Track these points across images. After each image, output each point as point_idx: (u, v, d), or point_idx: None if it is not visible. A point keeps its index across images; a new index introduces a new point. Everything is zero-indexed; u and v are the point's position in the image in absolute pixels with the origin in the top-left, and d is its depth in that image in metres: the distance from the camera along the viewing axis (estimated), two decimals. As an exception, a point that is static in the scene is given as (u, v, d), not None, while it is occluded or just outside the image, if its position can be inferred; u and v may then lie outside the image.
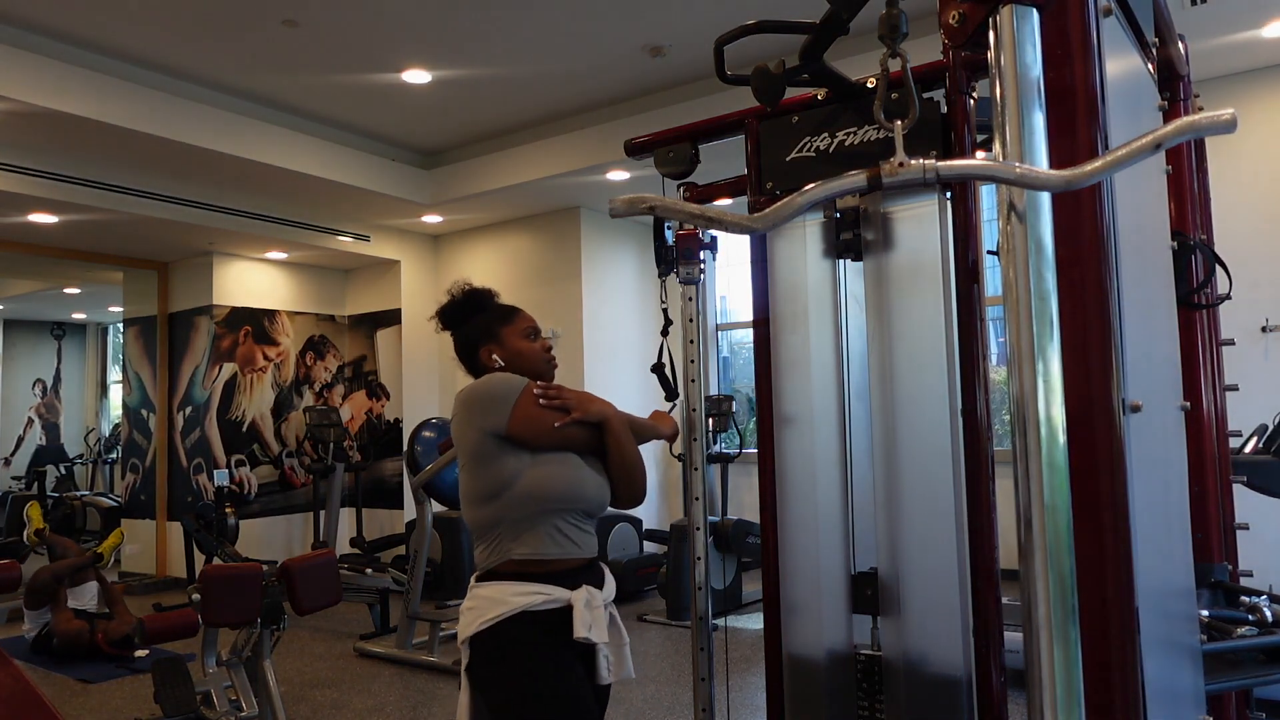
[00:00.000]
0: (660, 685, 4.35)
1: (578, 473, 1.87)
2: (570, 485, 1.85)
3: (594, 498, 1.90)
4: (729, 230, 1.19)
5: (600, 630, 1.80)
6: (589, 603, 1.80)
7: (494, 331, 2.00)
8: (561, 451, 1.86)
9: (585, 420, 1.87)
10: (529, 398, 1.85)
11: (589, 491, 1.88)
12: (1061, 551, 0.98)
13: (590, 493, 1.88)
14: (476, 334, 2.01)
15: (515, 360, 1.98)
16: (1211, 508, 2.09)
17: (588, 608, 1.79)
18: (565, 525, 1.85)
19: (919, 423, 1.63)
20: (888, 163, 1.16)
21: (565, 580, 1.83)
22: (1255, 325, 4.87)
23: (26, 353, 11.91)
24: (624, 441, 1.91)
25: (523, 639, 1.79)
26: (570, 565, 1.85)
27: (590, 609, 1.80)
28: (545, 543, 1.82)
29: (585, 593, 1.81)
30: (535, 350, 2.00)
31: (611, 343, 7.44)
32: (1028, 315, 1.01)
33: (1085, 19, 1.23)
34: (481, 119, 6.28)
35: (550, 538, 1.83)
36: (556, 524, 1.84)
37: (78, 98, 4.83)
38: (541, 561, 1.82)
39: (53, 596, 5.12)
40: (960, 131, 1.66)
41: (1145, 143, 1.00)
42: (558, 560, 1.83)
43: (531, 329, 2.02)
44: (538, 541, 1.82)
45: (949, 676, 1.58)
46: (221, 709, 3.47)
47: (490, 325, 2.01)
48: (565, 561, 1.84)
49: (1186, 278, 2.06)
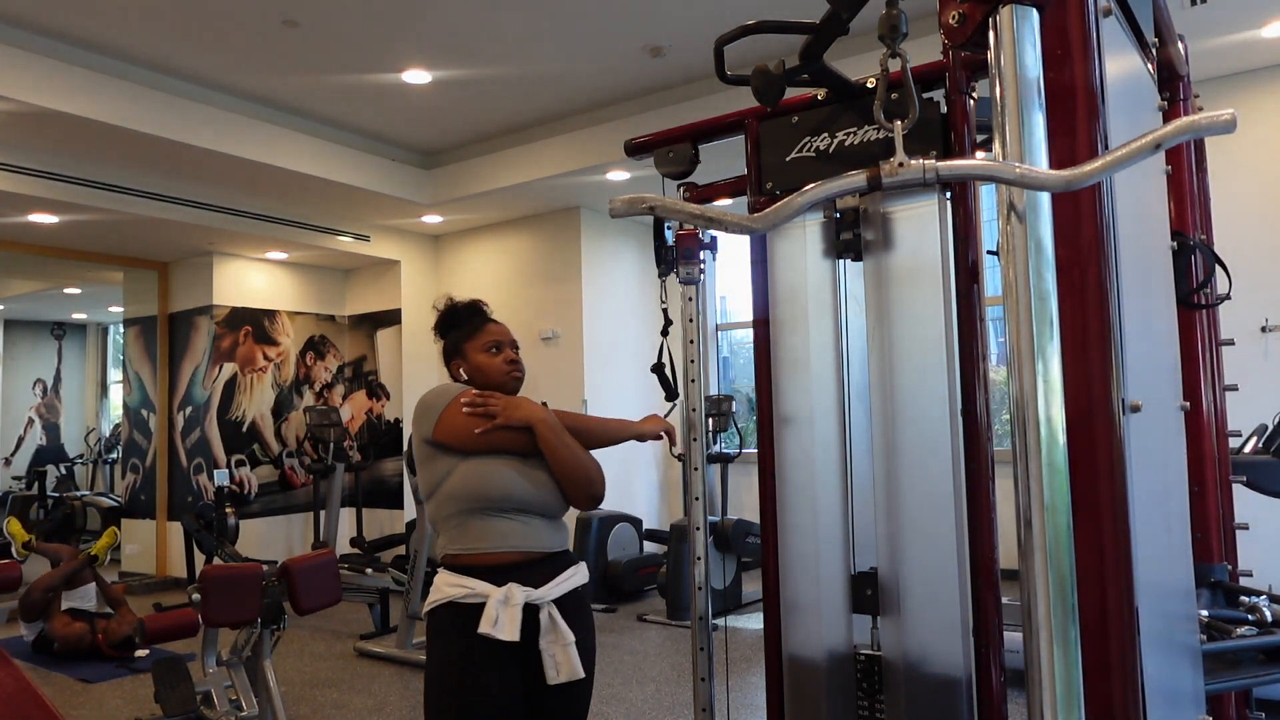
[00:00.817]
0: (660, 685, 4.35)
1: (507, 472, 1.94)
2: (494, 485, 1.93)
3: (529, 496, 1.95)
4: (729, 230, 1.19)
5: (509, 628, 1.83)
6: (506, 600, 1.86)
7: (460, 347, 2.12)
8: (494, 454, 1.96)
9: (509, 425, 1.94)
10: (455, 406, 1.96)
11: (517, 490, 1.94)
12: (1061, 551, 0.98)
13: (520, 491, 1.94)
14: (449, 350, 2.15)
15: (477, 375, 2.08)
16: (1211, 508, 2.09)
17: (503, 605, 1.85)
18: (497, 522, 1.93)
19: (919, 423, 1.63)
20: (888, 163, 1.16)
21: (493, 575, 1.90)
22: (1255, 325, 4.87)
23: (26, 353, 11.92)
24: (556, 445, 1.95)
25: (446, 629, 1.91)
26: (502, 561, 1.91)
27: (505, 606, 1.85)
28: (471, 538, 1.93)
29: (506, 590, 1.87)
30: (495, 364, 2.08)
31: (611, 343, 7.44)
32: (1028, 315, 1.01)
33: (1085, 19, 1.23)
34: (481, 119, 6.28)
35: (477, 534, 1.93)
36: (486, 521, 1.93)
37: (78, 98, 4.83)
38: (468, 555, 1.93)
39: (45, 608, 5.13)
40: (960, 131, 1.66)
41: (1145, 143, 1.00)
42: (485, 555, 1.92)
43: (493, 343, 2.10)
44: (464, 537, 1.94)
45: (949, 676, 1.58)
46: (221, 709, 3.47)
47: (458, 341, 2.13)
48: (494, 556, 1.91)
49: (1186, 278, 2.06)
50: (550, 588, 1.93)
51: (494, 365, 2.09)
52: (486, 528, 1.93)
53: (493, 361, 2.09)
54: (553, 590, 1.93)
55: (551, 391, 7.06)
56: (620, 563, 6.23)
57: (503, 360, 2.09)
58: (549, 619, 1.91)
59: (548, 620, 1.91)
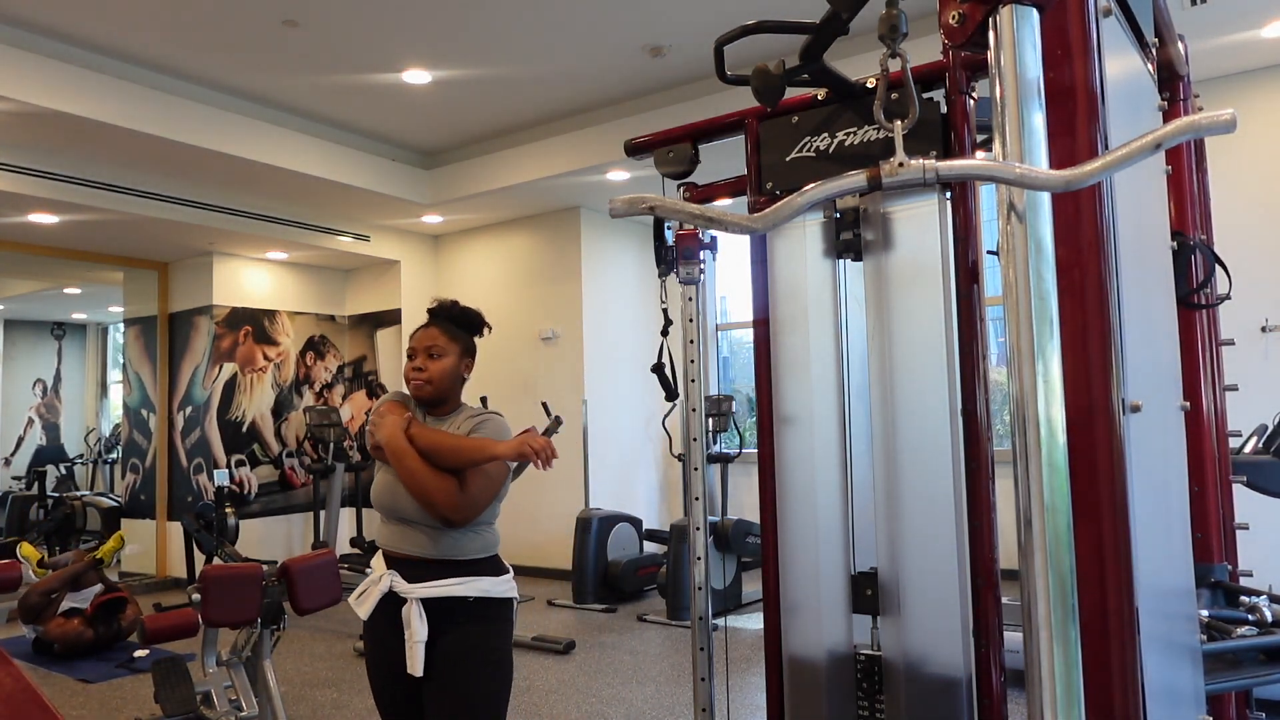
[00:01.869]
0: (660, 685, 4.35)
1: (386, 481, 2.13)
2: (377, 493, 2.15)
3: (403, 506, 2.09)
4: (729, 230, 1.19)
5: (365, 607, 2.10)
6: (378, 581, 2.10)
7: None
8: (386, 464, 2.13)
9: (374, 442, 2.12)
10: (375, 414, 2.17)
11: (391, 500, 2.11)
12: (1061, 551, 0.98)
13: (394, 501, 2.11)
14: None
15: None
16: (1211, 508, 2.09)
17: (373, 584, 2.11)
18: (389, 525, 2.15)
19: (919, 423, 1.63)
20: (888, 163, 1.16)
21: (388, 565, 2.13)
22: (1255, 325, 4.87)
23: (26, 353, 11.91)
24: (396, 467, 2.08)
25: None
26: (392, 556, 2.13)
27: (375, 585, 2.10)
28: (378, 532, 2.19)
29: (384, 574, 2.10)
30: (406, 370, 2.19)
31: (611, 343, 7.43)
32: (1028, 315, 1.01)
33: (1085, 19, 1.23)
34: (481, 119, 6.28)
35: (380, 530, 2.18)
36: (383, 522, 2.16)
37: (78, 98, 4.83)
38: (380, 546, 2.18)
39: (45, 610, 5.13)
40: (960, 131, 1.66)
41: (1145, 143, 1.00)
42: (384, 549, 2.16)
43: (410, 349, 2.19)
44: (378, 531, 2.20)
45: (949, 676, 1.58)
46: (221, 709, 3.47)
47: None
48: (388, 552, 2.15)
49: (1186, 278, 2.06)
50: (419, 586, 2.07)
51: (406, 371, 2.19)
52: (383, 529, 2.16)
53: (405, 368, 2.19)
54: (419, 590, 2.07)
55: (551, 392, 7.06)
56: (620, 563, 6.23)
57: (409, 367, 2.17)
58: (408, 613, 2.05)
59: (407, 614, 2.05)
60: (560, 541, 6.89)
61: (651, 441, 7.75)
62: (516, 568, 8.69)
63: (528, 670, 4.65)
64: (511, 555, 9.13)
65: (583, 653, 4.99)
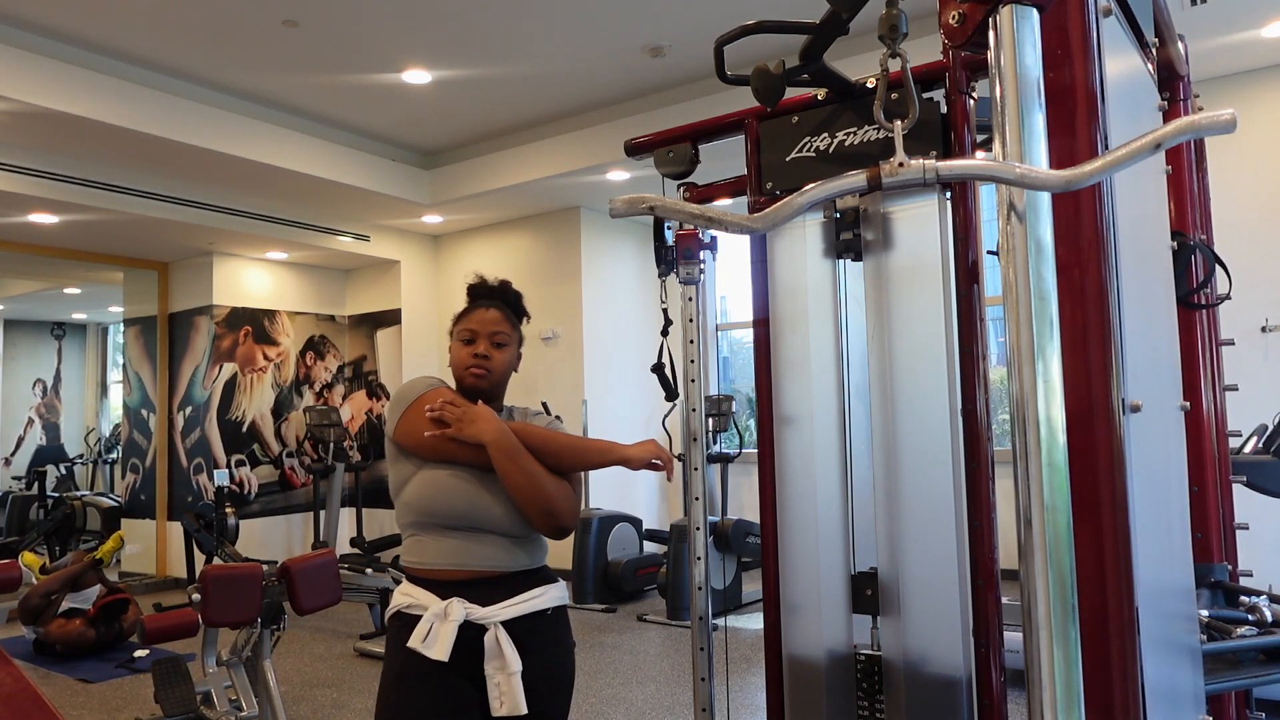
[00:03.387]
0: (660, 685, 4.35)
1: (462, 488, 1.77)
2: (444, 501, 1.77)
3: (485, 515, 1.78)
4: (729, 230, 1.19)
5: (440, 646, 1.68)
6: (445, 615, 1.72)
7: (451, 328, 1.93)
8: (451, 465, 1.78)
9: (460, 439, 1.75)
10: (419, 407, 1.80)
11: (470, 509, 1.77)
12: (1061, 551, 0.98)
13: (474, 510, 1.77)
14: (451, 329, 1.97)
15: (450, 362, 1.92)
16: (1211, 508, 2.08)
17: (440, 619, 1.71)
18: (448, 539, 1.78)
19: (919, 423, 1.63)
20: (888, 163, 1.16)
21: (440, 589, 1.76)
22: (1255, 325, 4.87)
23: (26, 353, 11.91)
24: (509, 470, 1.75)
25: (393, 640, 1.79)
26: (450, 576, 1.77)
27: (442, 621, 1.71)
28: (423, 552, 1.79)
29: (446, 605, 1.73)
30: (462, 356, 1.87)
31: (611, 343, 7.44)
32: (1028, 315, 1.01)
33: (1085, 19, 1.23)
34: (481, 119, 6.28)
35: (429, 548, 1.79)
36: (438, 537, 1.78)
37: (78, 98, 4.83)
38: (420, 568, 1.80)
39: (44, 611, 5.13)
40: (960, 131, 1.66)
41: (1145, 143, 1.00)
42: (434, 570, 1.78)
43: (470, 331, 1.88)
44: (417, 550, 1.81)
45: (949, 676, 1.58)
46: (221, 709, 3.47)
47: (455, 320, 1.94)
48: (443, 572, 1.77)
49: (1186, 278, 2.06)
50: (500, 608, 1.76)
51: (459, 358, 1.88)
52: (438, 544, 1.78)
53: (460, 353, 1.88)
54: (502, 611, 1.76)
55: (551, 392, 7.06)
56: (620, 563, 6.23)
57: (469, 354, 1.86)
58: (494, 642, 1.73)
59: (493, 644, 1.73)
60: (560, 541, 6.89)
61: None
62: (516, 568, 8.47)
63: (528, 670, 4.65)
64: (511, 555, 8.99)
65: (583, 653, 4.99)
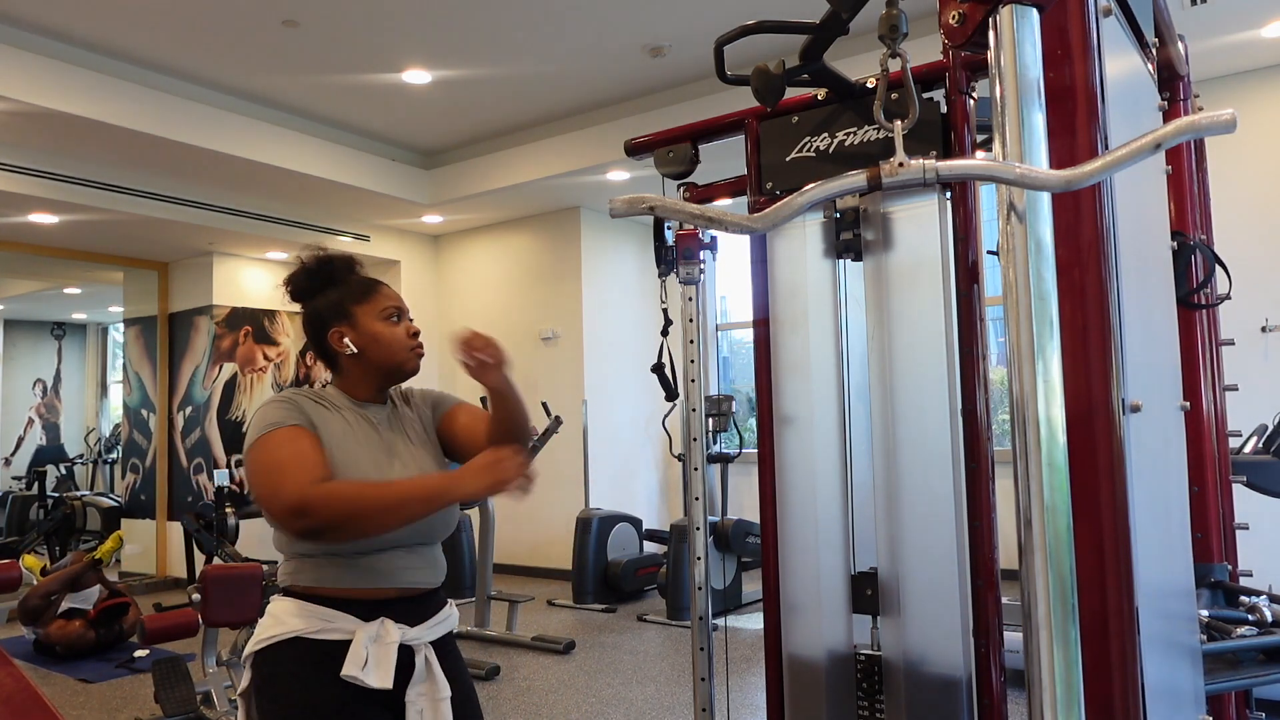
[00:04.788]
0: (660, 685, 4.35)
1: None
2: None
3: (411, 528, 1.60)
4: (729, 230, 1.19)
5: (381, 673, 1.52)
6: (378, 637, 1.55)
7: (345, 309, 1.68)
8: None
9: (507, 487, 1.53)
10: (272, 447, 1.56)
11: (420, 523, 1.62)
12: (1061, 551, 0.98)
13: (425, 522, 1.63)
14: (327, 311, 1.69)
15: (371, 346, 1.68)
16: (1211, 508, 2.08)
17: (373, 643, 1.54)
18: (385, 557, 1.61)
19: (919, 423, 1.63)
20: (888, 163, 1.16)
21: (359, 610, 1.57)
22: (1255, 325, 4.87)
23: (26, 353, 11.90)
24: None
25: (290, 673, 1.55)
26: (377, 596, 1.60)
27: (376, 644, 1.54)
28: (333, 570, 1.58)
29: (378, 626, 1.56)
30: (396, 335, 1.69)
31: (611, 343, 7.43)
32: (1028, 315, 1.01)
33: (1085, 19, 1.23)
34: (481, 119, 6.28)
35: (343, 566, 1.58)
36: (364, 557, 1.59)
37: (78, 98, 4.83)
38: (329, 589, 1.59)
39: (44, 612, 5.13)
40: (960, 131, 1.66)
41: (1145, 143, 1.00)
42: (355, 590, 1.59)
43: (394, 309, 1.70)
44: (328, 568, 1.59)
45: (949, 676, 1.58)
46: (221, 709, 3.47)
47: (342, 302, 1.69)
48: (368, 592, 1.59)
49: (1186, 278, 2.06)
50: (426, 628, 1.63)
51: (394, 337, 1.69)
52: (359, 561, 1.57)
53: (393, 332, 1.69)
54: (429, 632, 1.63)
55: (551, 392, 7.05)
56: (620, 563, 6.23)
57: (404, 331, 1.70)
58: (424, 665, 1.60)
59: (423, 666, 1.59)
60: (560, 541, 6.89)
61: (651, 441, 7.75)
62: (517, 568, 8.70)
63: (528, 670, 4.65)
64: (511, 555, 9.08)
65: (583, 653, 4.99)
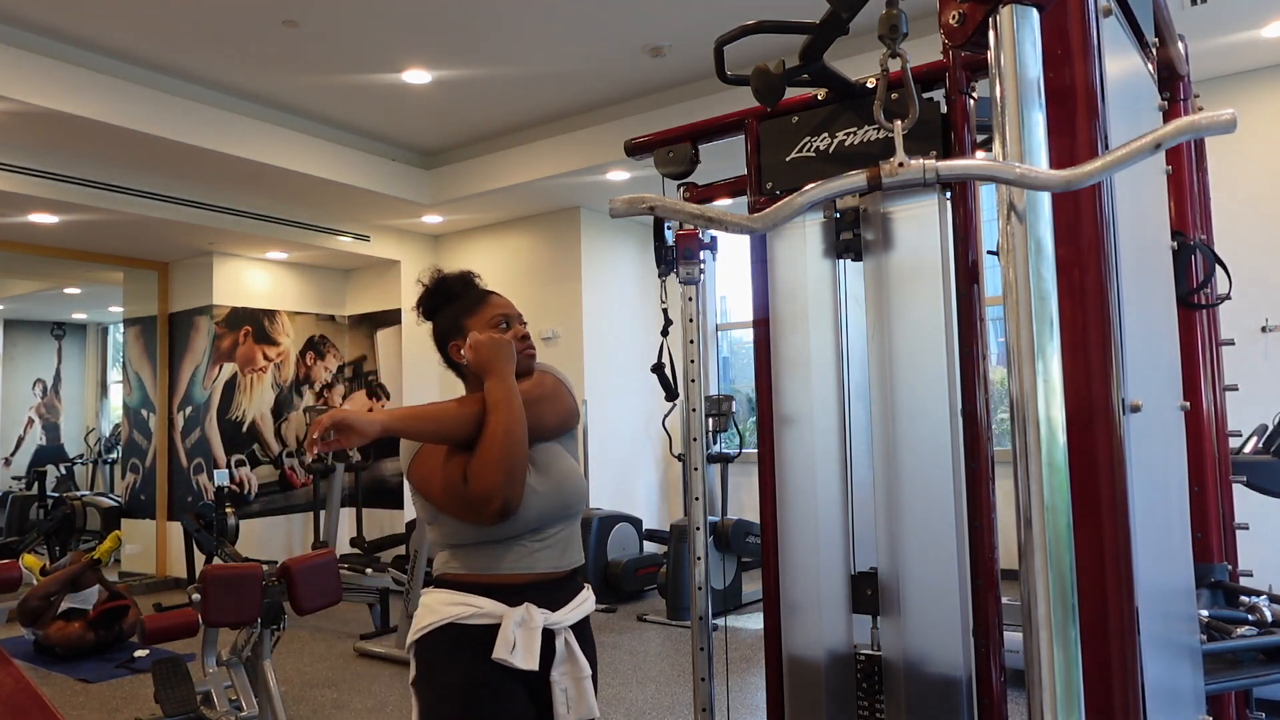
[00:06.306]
0: (660, 685, 4.35)
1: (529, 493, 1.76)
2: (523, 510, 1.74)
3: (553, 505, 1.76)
4: (729, 230, 1.19)
5: (527, 655, 1.63)
6: (524, 622, 1.66)
7: (460, 325, 1.84)
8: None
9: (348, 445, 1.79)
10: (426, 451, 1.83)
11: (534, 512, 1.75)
12: (1061, 551, 0.98)
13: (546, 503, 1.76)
14: (445, 329, 1.87)
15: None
16: (1211, 508, 2.09)
17: (520, 627, 1.65)
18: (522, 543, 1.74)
19: (919, 423, 1.63)
20: (888, 163, 1.16)
21: (503, 595, 1.69)
22: (1255, 325, 4.87)
23: (26, 353, 11.90)
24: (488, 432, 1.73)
25: (446, 656, 1.69)
26: (516, 581, 1.71)
27: (523, 629, 1.65)
28: (482, 558, 1.72)
29: (523, 611, 1.67)
30: (509, 338, 1.82)
31: (611, 343, 7.44)
32: (1028, 315, 1.01)
33: (1085, 19, 1.23)
34: (481, 119, 6.28)
35: (489, 553, 1.72)
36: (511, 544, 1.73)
37: (78, 98, 4.83)
38: (474, 575, 1.73)
39: (44, 613, 5.13)
40: (960, 131, 1.66)
41: (1145, 143, 1.00)
42: (497, 576, 1.71)
43: (500, 317, 1.83)
44: (477, 556, 1.73)
45: (949, 676, 1.58)
46: (221, 709, 3.47)
47: (458, 317, 1.85)
48: (508, 577, 1.71)
49: (1186, 278, 2.06)
50: (567, 611, 1.74)
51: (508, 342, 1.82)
52: (504, 549, 1.71)
53: (507, 336, 1.82)
54: (570, 615, 1.75)
55: (551, 391, 7.06)
56: (620, 563, 6.23)
57: (512, 336, 1.82)
58: (565, 647, 1.72)
59: (564, 648, 1.71)
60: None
61: (651, 441, 7.75)
62: (516, 568, 8.47)
63: (528, 670, 4.65)
64: (511, 555, 8.96)
65: (583, 653, 4.98)
